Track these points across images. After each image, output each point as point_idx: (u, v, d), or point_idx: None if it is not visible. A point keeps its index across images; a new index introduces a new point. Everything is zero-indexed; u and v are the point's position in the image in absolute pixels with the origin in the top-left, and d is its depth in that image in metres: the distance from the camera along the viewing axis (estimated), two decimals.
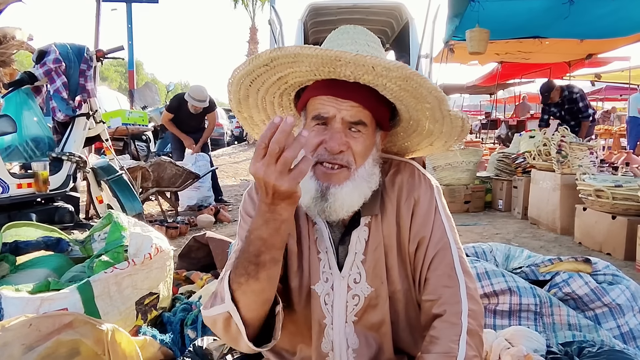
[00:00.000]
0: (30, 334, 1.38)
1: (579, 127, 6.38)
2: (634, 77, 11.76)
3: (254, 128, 1.33)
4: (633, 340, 1.91)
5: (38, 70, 3.48)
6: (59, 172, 3.59)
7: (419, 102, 1.08)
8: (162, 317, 2.02)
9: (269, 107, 1.23)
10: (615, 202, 3.69)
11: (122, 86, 38.96)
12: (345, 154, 1.07)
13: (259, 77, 1.11)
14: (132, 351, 1.49)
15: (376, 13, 5.73)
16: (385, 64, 0.97)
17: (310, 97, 1.11)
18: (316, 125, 1.08)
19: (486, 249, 2.43)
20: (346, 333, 1.15)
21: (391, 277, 1.16)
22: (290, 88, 1.18)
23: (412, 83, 1.01)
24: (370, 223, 1.15)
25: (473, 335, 1.05)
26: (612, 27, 6.38)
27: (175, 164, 5.14)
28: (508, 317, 1.93)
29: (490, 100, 16.14)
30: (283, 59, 1.03)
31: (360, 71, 1.00)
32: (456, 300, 1.07)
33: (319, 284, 1.15)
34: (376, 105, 1.08)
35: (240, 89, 1.16)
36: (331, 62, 0.99)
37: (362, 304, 1.15)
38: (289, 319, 1.19)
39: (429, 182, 1.19)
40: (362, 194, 1.09)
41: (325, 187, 1.07)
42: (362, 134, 1.08)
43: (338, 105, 1.06)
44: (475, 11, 5.60)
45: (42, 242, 2.35)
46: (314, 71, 1.05)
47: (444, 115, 1.10)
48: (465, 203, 5.74)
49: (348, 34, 1.16)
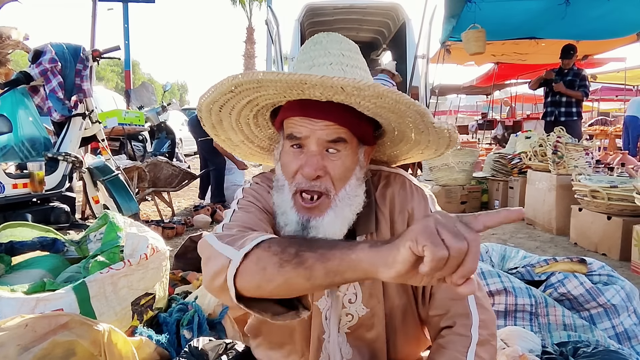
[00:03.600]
0: (26, 334, 1.37)
1: (568, 106, 6.32)
2: (630, 78, 11.81)
3: (235, 149, 1.28)
4: (628, 341, 1.92)
5: (34, 70, 3.47)
6: (55, 172, 3.58)
7: (399, 117, 1.02)
8: (158, 317, 2.01)
9: (245, 128, 1.18)
10: (610, 202, 3.70)
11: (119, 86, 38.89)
12: (323, 180, 1.01)
13: (227, 103, 1.06)
14: (128, 352, 1.49)
15: (373, 13, 5.74)
16: (355, 84, 0.89)
17: (284, 118, 1.06)
18: (291, 148, 1.04)
19: (482, 250, 2.44)
20: (339, 343, 1.13)
21: (388, 293, 1.12)
22: (264, 109, 1.12)
23: (387, 100, 0.95)
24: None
25: (484, 346, 1.01)
26: (607, 28, 6.40)
27: (171, 164, 5.14)
28: (504, 317, 1.94)
29: (487, 101, 16.18)
30: (247, 85, 0.98)
31: (329, 92, 0.94)
32: (466, 313, 1.03)
33: (321, 299, 1.12)
34: (354, 122, 1.01)
35: (210, 115, 1.12)
36: (297, 85, 0.93)
37: (356, 322, 1.12)
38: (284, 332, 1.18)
39: (422, 193, 1.14)
40: (345, 220, 1.04)
41: (305, 220, 1.02)
42: (342, 153, 1.02)
43: (312, 126, 1.00)
44: (472, 12, 5.61)
45: (38, 243, 2.34)
46: (282, 94, 1.00)
47: (427, 127, 1.04)
48: (462, 203, 5.76)
49: (321, 44, 1.09)
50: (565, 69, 6.29)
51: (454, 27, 6.22)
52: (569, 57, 6.21)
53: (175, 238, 4.33)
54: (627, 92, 13.45)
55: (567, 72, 6.27)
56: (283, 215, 1.05)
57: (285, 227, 1.04)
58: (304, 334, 1.15)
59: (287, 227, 1.04)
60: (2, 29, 3.78)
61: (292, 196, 1.04)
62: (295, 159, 1.03)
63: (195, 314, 1.91)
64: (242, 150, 1.28)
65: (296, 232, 1.03)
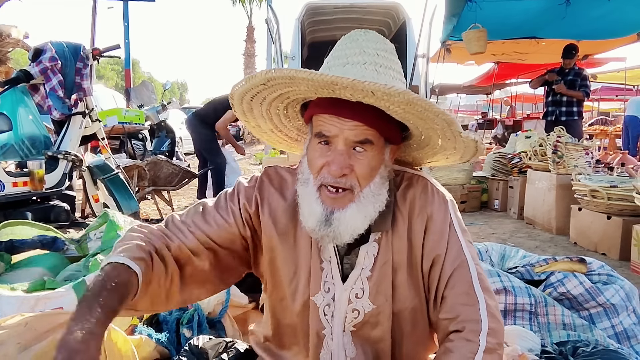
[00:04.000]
0: (26, 333, 1.37)
1: (569, 105, 6.29)
2: (630, 77, 11.79)
3: (263, 135, 1.30)
4: (627, 340, 1.92)
5: (34, 68, 3.47)
6: (55, 171, 3.58)
7: (426, 123, 1.03)
8: (158, 316, 2.01)
9: (275, 118, 1.20)
10: (610, 202, 3.70)
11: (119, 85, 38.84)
12: (349, 178, 1.03)
13: (258, 94, 1.09)
14: (127, 350, 1.49)
15: (373, 13, 5.72)
16: (385, 89, 0.90)
17: (313, 113, 1.07)
18: (319, 144, 1.05)
19: (482, 249, 2.44)
20: (344, 342, 1.13)
21: (398, 295, 1.12)
22: (294, 102, 1.14)
23: (416, 107, 0.97)
24: (381, 239, 1.11)
25: (491, 354, 1.01)
26: (608, 28, 6.39)
27: (171, 163, 5.14)
28: (503, 317, 1.94)
29: (487, 100, 16.17)
30: (279, 80, 1.00)
31: (360, 95, 0.95)
32: (476, 319, 1.03)
33: (319, 294, 1.12)
34: (382, 124, 1.03)
35: (242, 103, 1.14)
36: (328, 85, 0.95)
37: (362, 318, 1.12)
38: (288, 322, 1.19)
39: (443, 197, 1.14)
40: (367, 216, 1.05)
41: (329, 212, 1.04)
42: (368, 153, 1.03)
43: (341, 125, 1.01)
44: (473, 11, 5.61)
45: (38, 241, 2.34)
46: (312, 91, 1.02)
47: (454, 136, 1.05)
48: (462, 203, 5.76)
49: (357, 42, 1.09)
50: (567, 69, 6.27)
51: (454, 27, 6.22)
52: (570, 57, 6.19)
53: None
54: (627, 92, 13.44)
55: (568, 71, 6.26)
56: (308, 207, 1.07)
57: (310, 217, 1.06)
58: (304, 329, 1.16)
59: (311, 218, 1.06)
60: (2, 28, 3.78)
61: (318, 189, 1.06)
62: (322, 155, 1.04)
63: (195, 312, 1.91)
64: (269, 138, 1.30)
65: (319, 223, 1.04)
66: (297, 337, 1.18)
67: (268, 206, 1.16)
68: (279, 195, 1.17)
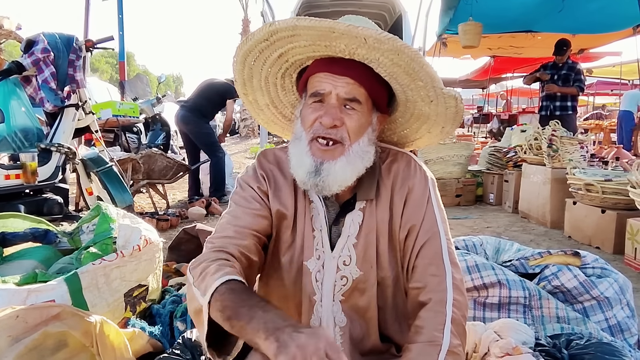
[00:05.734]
0: (17, 325, 1.37)
1: (563, 100, 6.27)
2: (625, 72, 11.82)
3: (260, 113, 1.37)
4: (620, 333, 1.93)
5: (26, 59, 3.43)
6: (48, 164, 3.55)
7: (412, 80, 1.10)
8: (151, 309, 2.01)
9: (272, 89, 1.27)
10: (604, 196, 3.71)
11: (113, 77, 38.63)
12: (340, 130, 1.10)
13: (260, 54, 1.15)
14: (120, 343, 1.48)
15: (368, 6, 5.71)
16: (377, 35, 0.99)
17: (309, 75, 1.15)
18: (313, 103, 1.12)
19: (476, 242, 2.44)
20: (333, 311, 1.18)
21: (381, 262, 1.18)
22: (292, 68, 1.21)
23: (403, 57, 1.03)
24: (365, 208, 1.18)
25: (457, 325, 1.06)
26: (604, 22, 6.40)
27: (166, 156, 5.11)
28: (497, 310, 1.94)
29: (483, 94, 16.18)
30: (282, 33, 1.07)
31: (353, 44, 1.03)
32: (442, 289, 1.09)
33: (311, 260, 1.18)
34: (372, 83, 1.11)
35: (244, 68, 1.20)
36: (326, 34, 1.02)
37: (350, 285, 1.17)
38: (279, 294, 1.22)
39: (424, 173, 1.22)
40: (355, 169, 1.12)
41: (319, 163, 1.10)
42: (357, 112, 1.11)
43: (334, 82, 1.09)
44: (469, 5, 5.61)
45: (30, 234, 2.33)
46: (312, 46, 1.09)
47: (437, 94, 1.11)
48: (457, 197, 5.77)
49: (349, 20, 1.17)
50: (560, 64, 6.27)
51: (450, 20, 6.21)
52: (562, 54, 6.18)
53: (169, 230, 4.32)
54: (623, 86, 13.47)
55: (561, 66, 6.26)
56: (298, 160, 1.14)
57: (299, 169, 1.13)
58: (296, 298, 1.20)
59: (300, 169, 1.13)
60: None
61: (309, 142, 1.12)
62: (315, 111, 1.12)
63: None
64: (265, 116, 1.37)
65: (309, 174, 1.11)
66: (287, 309, 1.21)
67: (272, 179, 1.23)
68: (276, 169, 1.24)
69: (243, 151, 12.37)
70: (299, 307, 1.20)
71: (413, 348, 1.05)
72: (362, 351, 1.20)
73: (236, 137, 16.11)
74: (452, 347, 1.02)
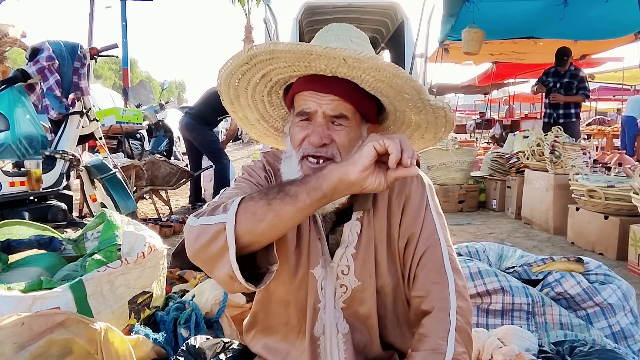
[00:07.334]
0: (23, 332, 1.37)
1: (566, 107, 6.27)
2: (627, 77, 11.83)
3: (251, 128, 1.35)
4: (624, 340, 1.92)
5: (31, 67, 3.46)
6: (52, 170, 3.57)
7: (398, 93, 1.09)
8: (155, 316, 2.01)
9: (260, 106, 1.26)
10: (607, 202, 3.71)
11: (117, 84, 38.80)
12: (329, 147, 1.09)
13: (244, 76, 1.14)
14: (124, 350, 1.49)
15: (371, 12, 5.74)
16: (355, 55, 0.97)
17: (294, 93, 1.14)
18: (300, 122, 1.11)
19: (479, 249, 2.44)
20: (336, 318, 1.17)
21: (380, 271, 1.17)
22: (277, 85, 1.20)
23: (385, 73, 1.02)
24: (363, 218, 1.16)
25: (461, 332, 1.05)
26: (606, 28, 6.41)
27: (169, 163, 5.12)
28: (501, 317, 1.94)
29: (485, 100, 16.19)
30: (261, 57, 1.06)
31: (333, 64, 1.02)
32: (444, 297, 1.08)
33: (317, 267, 1.16)
34: (358, 97, 1.09)
35: (229, 89, 1.19)
36: (304, 56, 1.02)
37: (349, 294, 1.17)
38: (281, 297, 1.21)
39: (421, 180, 1.20)
40: None
41: None
42: (345, 127, 1.09)
43: (319, 100, 1.08)
44: (470, 11, 5.63)
45: (35, 241, 2.33)
46: (291, 67, 1.08)
47: (425, 105, 1.10)
48: (459, 202, 5.77)
49: (332, 31, 1.18)
50: (562, 72, 6.27)
51: (452, 26, 6.23)
52: (562, 64, 6.20)
53: (172, 236, 4.33)
54: (625, 92, 13.47)
55: (563, 74, 6.26)
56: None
57: None
58: (299, 304, 1.19)
59: None
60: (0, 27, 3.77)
61: (299, 162, 1.11)
62: (302, 129, 1.11)
63: (192, 312, 1.91)
64: (257, 130, 1.36)
65: None
66: (287, 314, 1.21)
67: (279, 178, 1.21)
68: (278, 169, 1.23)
69: (246, 157, 12.40)
70: (302, 312, 1.19)
71: (417, 356, 1.05)
72: (365, 358, 1.20)
73: (239, 143, 16.15)
74: (456, 354, 1.02)
